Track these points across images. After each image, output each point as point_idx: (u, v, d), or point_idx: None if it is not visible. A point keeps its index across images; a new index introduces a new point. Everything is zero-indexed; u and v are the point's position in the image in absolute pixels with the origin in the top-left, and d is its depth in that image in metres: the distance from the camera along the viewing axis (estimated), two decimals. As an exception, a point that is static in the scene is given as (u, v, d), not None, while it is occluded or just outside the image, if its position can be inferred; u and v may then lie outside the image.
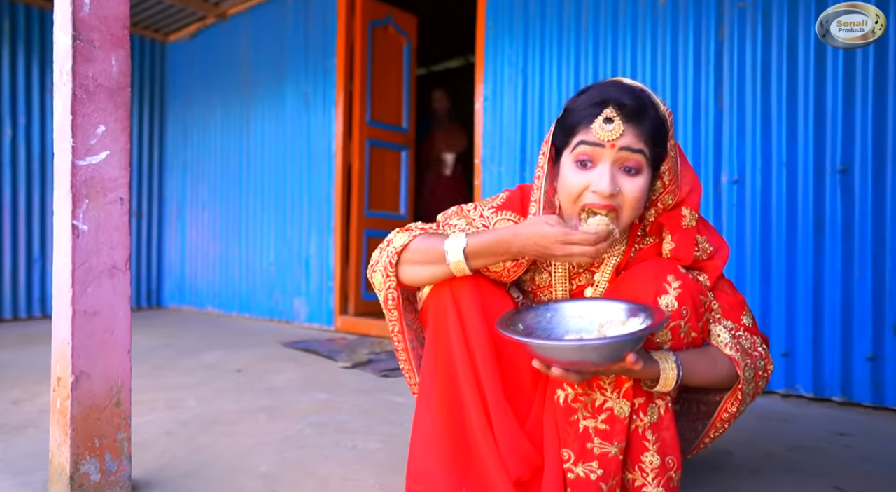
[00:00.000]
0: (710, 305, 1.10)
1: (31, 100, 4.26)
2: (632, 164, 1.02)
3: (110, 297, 1.23)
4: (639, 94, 1.03)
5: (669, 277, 1.03)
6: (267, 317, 4.18)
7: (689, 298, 1.03)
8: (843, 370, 2.05)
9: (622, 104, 0.99)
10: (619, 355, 0.90)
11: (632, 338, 0.88)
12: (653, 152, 1.04)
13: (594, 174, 1.02)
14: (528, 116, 2.89)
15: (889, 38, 2.00)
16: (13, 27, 4.15)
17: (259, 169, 4.26)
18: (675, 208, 1.11)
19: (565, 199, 1.07)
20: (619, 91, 1.02)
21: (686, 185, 1.10)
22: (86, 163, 1.20)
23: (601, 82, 1.08)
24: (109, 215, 1.23)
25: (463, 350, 1.09)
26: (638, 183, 1.03)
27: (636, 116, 1.00)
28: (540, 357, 0.95)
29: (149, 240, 4.99)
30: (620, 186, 1.02)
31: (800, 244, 2.15)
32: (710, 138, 2.35)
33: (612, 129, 1.00)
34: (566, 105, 1.09)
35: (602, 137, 1.00)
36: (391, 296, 1.16)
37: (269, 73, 4.17)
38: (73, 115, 1.19)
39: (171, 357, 2.89)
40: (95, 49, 1.23)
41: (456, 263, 1.06)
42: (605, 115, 1.00)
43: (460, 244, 1.05)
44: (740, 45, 2.30)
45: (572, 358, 0.92)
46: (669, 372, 0.98)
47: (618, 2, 2.62)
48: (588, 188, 1.02)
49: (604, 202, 1.01)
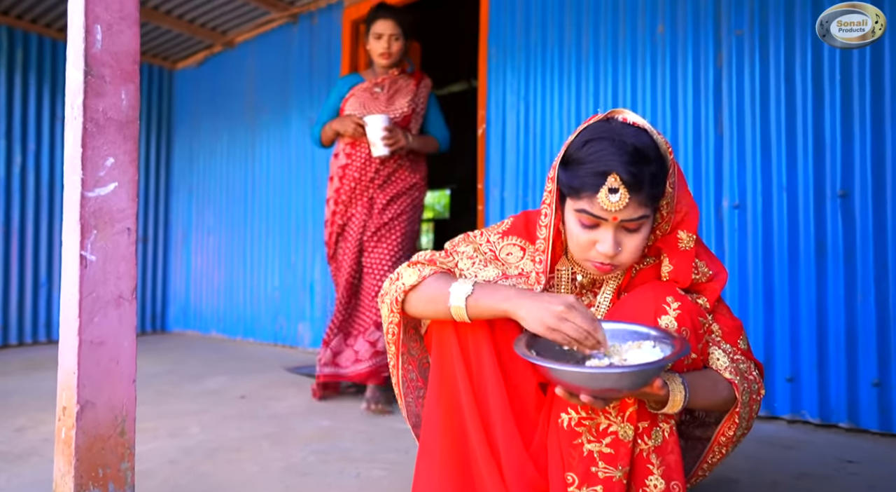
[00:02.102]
0: (709, 328, 1.11)
1: (42, 127, 4.32)
2: (633, 226, 1.05)
3: (116, 326, 1.24)
4: (641, 152, 1.01)
5: (668, 299, 1.05)
6: (271, 341, 4.18)
7: (688, 319, 1.04)
8: (849, 396, 2.04)
9: (625, 176, 1.00)
10: (648, 381, 0.91)
11: (661, 365, 0.90)
12: (654, 205, 1.06)
13: (599, 234, 1.06)
14: (530, 142, 2.92)
15: (885, 67, 2.03)
16: (25, 56, 4.24)
17: (264, 194, 4.30)
18: (671, 232, 1.13)
19: (574, 249, 1.12)
20: (622, 156, 1.00)
21: (682, 208, 1.12)
22: (94, 194, 1.23)
23: (602, 131, 1.05)
24: (117, 246, 1.25)
25: (465, 377, 1.10)
26: (639, 238, 1.07)
27: (638, 186, 1.01)
28: (567, 384, 0.94)
29: (154, 264, 5.02)
30: (623, 243, 1.06)
31: (802, 269, 2.15)
32: (711, 164, 2.37)
33: (616, 201, 1.01)
34: (567, 149, 1.08)
35: (606, 210, 1.02)
36: (392, 331, 1.19)
37: (275, 100, 4.24)
38: (83, 148, 1.22)
39: (174, 383, 2.89)
40: (106, 84, 1.26)
41: (456, 308, 1.07)
42: (610, 184, 1.01)
43: (465, 291, 1.06)
44: (738, 72, 2.33)
45: (604, 386, 0.91)
46: (678, 393, 0.98)
47: (617, 29, 2.66)
48: (594, 245, 1.07)
49: (608, 260, 1.07)
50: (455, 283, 1.08)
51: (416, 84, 2.66)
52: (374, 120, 2.44)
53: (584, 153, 1.04)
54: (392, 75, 2.64)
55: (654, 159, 1.03)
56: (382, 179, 2.58)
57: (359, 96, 2.61)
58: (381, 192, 2.59)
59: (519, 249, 1.23)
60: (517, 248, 1.23)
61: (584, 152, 1.04)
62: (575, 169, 1.05)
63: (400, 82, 2.64)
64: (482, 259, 1.22)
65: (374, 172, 2.56)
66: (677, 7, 2.49)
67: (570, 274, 1.19)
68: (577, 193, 1.04)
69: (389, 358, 1.25)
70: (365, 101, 2.59)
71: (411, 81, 2.66)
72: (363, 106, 2.58)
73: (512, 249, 1.23)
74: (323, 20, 3.94)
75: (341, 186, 2.60)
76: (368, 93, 2.62)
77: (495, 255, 1.23)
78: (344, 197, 2.59)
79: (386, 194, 2.59)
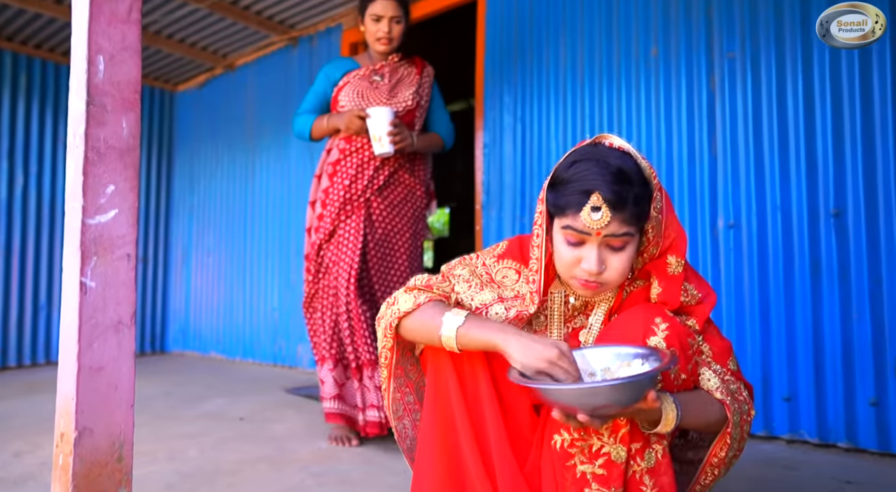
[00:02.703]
0: (698, 348, 1.13)
1: (44, 150, 4.37)
2: (618, 243, 1.07)
3: (115, 352, 1.25)
4: (624, 173, 1.05)
5: (657, 320, 1.07)
6: (270, 362, 4.17)
7: (676, 340, 1.06)
8: (847, 415, 2.04)
9: (607, 195, 1.03)
10: (642, 394, 0.92)
11: (652, 375, 0.91)
12: (638, 225, 1.08)
13: (583, 252, 1.08)
14: (527, 163, 2.95)
15: (874, 88, 2.06)
16: (29, 80, 4.30)
17: (263, 215, 4.32)
18: (660, 256, 1.15)
19: (559, 267, 1.14)
20: (605, 176, 1.04)
21: (671, 233, 1.14)
22: (95, 221, 1.25)
23: (588, 154, 1.09)
24: (117, 272, 1.27)
25: (461, 398, 1.11)
26: (623, 257, 1.09)
27: (620, 204, 1.03)
28: (562, 405, 0.96)
29: (154, 285, 5.03)
30: (607, 262, 1.08)
31: (797, 287, 2.16)
32: (706, 184, 2.40)
33: (599, 218, 1.03)
34: (555, 171, 1.12)
35: (589, 226, 1.04)
36: (385, 355, 1.21)
37: (275, 121, 4.28)
38: (84, 177, 1.24)
39: (173, 405, 2.89)
40: (107, 113, 1.28)
41: (446, 338, 1.09)
42: (593, 203, 1.03)
43: (456, 322, 1.08)
44: (731, 94, 2.37)
45: (599, 401, 0.92)
46: (670, 412, 0.99)
47: (612, 52, 2.71)
48: (579, 263, 1.09)
49: (592, 279, 1.08)
50: (448, 313, 1.10)
51: (418, 72, 2.39)
52: (379, 113, 2.17)
53: (570, 174, 1.08)
54: (392, 62, 2.36)
55: (637, 181, 1.06)
56: (382, 180, 2.29)
57: (355, 85, 2.32)
58: (378, 197, 2.30)
59: (514, 272, 1.25)
60: (512, 271, 1.25)
61: (570, 173, 1.08)
62: (561, 189, 1.08)
63: (402, 71, 2.37)
64: (478, 282, 1.23)
65: (374, 171, 2.27)
66: (670, 30, 2.53)
67: (562, 297, 1.21)
68: (563, 211, 1.07)
69: (381, 381, 1.26)
70: (363, 91, 2.30)
71: (413, 70, 2.39)
72: (361, 96, 2.30)
73: (507, 272, 1.25)
74: (322, 43, 3.99)
75: (331, 186, 2.28)
76: (367, 81, 2.33)
77: (491, 277, 1.25)
78: (335, 198, 2.26)
79: (385, 200, 2.30)
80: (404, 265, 2.35)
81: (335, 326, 2.24)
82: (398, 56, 2.38)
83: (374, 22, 2.27)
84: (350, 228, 2.27)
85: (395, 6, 2.26)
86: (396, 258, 2.34)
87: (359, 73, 2.34)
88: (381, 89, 2.32)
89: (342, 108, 2.32)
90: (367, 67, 2.35)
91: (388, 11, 2.25)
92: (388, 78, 2.34)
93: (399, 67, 2.37)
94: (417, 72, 2.39)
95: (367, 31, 2.32)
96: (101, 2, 1.30)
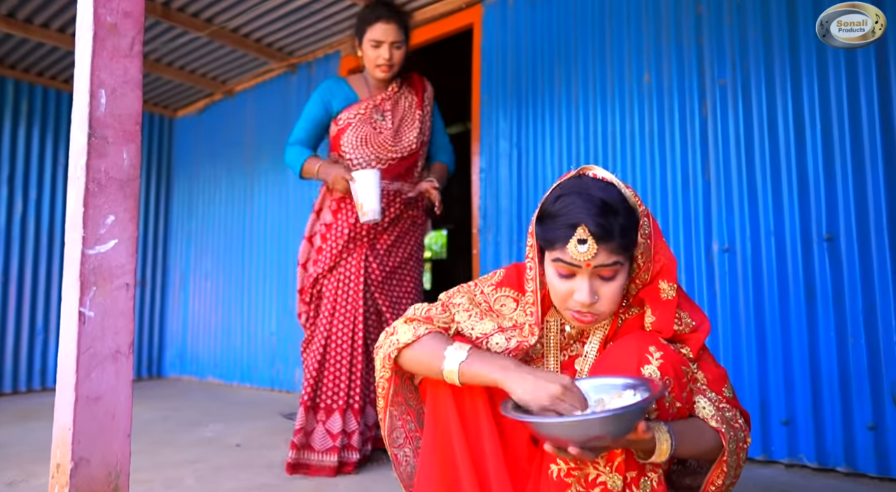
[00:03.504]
0: (693, 376, 1.13)
1: (44, 176, 4.40)
2: (608, 273, 1.09)
3: (113, 381, 1.25)
4: (609, 205, 1.06)
5: (651, 348, 1.08)
6: (268, 387, 4.15)
7: (670, 368, 1.06)
8: (846, 440, 2.03)
9: (592, 228, 1.05)
10: (632, 426, 0.92)
11: (641, 406, 0.91)
12: (626, 254, 1.10)
13: (575, 283, 1.10)
14: (522, 188, 2.98)
15: (862, 113, 2.10)
16: (30, 107, 4.34)
17: (261, 239, 4.34)
18: (652, 282, 1.16)
19: (554, 299, 1.15)
20: (589, 209, 1.05)
21: (660, 258, 1.15)
22: (94, 252, 1.26)
23: (571, 187, 1.11)
24: (115, 301, 1.28)
25: (460, 427, 1.12)
26: (615, 286, 1.10)
27: (606, 236, 1.05)
28: (553, 438, 0.96)
29: (151, 309, 5.02)
30: (599, 292, 1.09)
31: (793, 312, 2.17)
32: (700, 208, 2.42)
33: (585, 250, 1.05)
34: (542, 205, 1.14)
35: (577, 259, 1.06)
36: (382, 385, 1.22)
37: (273, 147, 4.32)
38: (84, 208, 1.25)
39: (169, 430, 2.87)
40: (108, 145, 1.30)
41: (448, 372, 1.10)
42: (579, 235, 1.05)
43: (459, 357, 1.09)
44: (723, 120, 2.40)
45: (589, 433, 0.93)
46: (664, 442, 0.99)
47: (605, 78, 2.75)
48: (572, 294, 1.10)
49: (585, 309, 1.10)
50: (450, 347, 1.11)
51: (419, 100, 2.28)
52: (365, 177, 2.02)
53: (556, 208, 1.10)
54: (392, 93, 2.25)
55: (623, 211, 1.08)
56: (386, 222, 2.24)
57: (358, 129, 2.19)
58: (384, 232, 2.26)
59: (512, 300, 1.26)
60: (510, 299, 1.26)
61: (556, 207, 1.10)
62: (549, 223, 1.10)
63: (403, 103, 2.26)
64: (478, 312, 1.24)
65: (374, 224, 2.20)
66: (662, 57, 2.58)
67: (558, 325, 1.22)
68: (552, 245, 1.09)
69: (378, 411, 1.26)
70: (367, 138, 2.18)
71: (414, 98, 2.28)
72: (365, 143, 2.18)
73: (505, 300, 1.27)
74: (320, 69, 4.05)
75: (335, 222, 2.21)
76: (369, 125, 2.20)
77: (490, 306, 1.26)
78: (338, 235, 2.21)
79: (391, 236, 2.26)
80: (412, 294, 2.32)
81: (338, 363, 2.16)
82: (398, 84, 2.27)
83: (373, 47, 2.14)
84: (351, 265, 2.20)
85: (395, 30, 2.14)
86: (404, 287, 2.30)
87: (360, 111, 2.22)
88: (385, 133, 2.22)
89: (344, 153, 2.23)
90: (368, 103, 2.24)
91: (388, 36, 2.12)
92: (390, 117, 2.23)
93: (400, 98, 2.27)
94: (418, 99, 2.29)
95: (365, 56, 2.19)
96: (105, 37, 1.34)
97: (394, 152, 2.20)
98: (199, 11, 3.54)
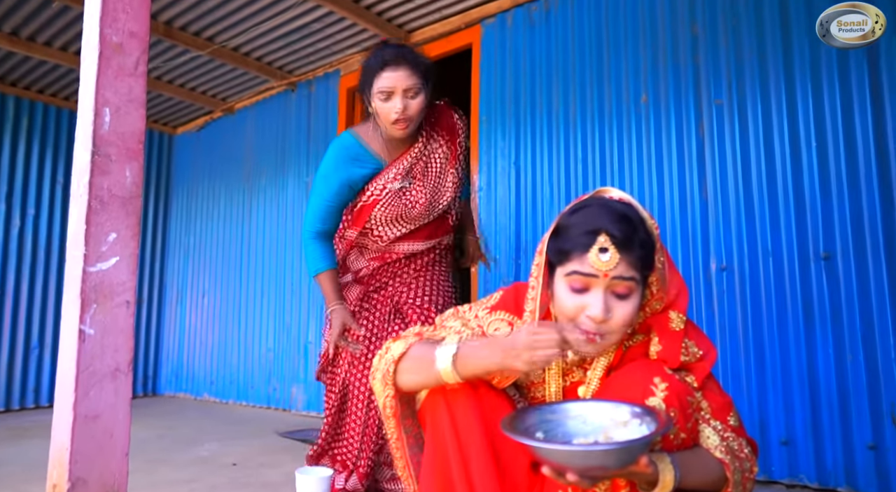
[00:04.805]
0: (698, 405, 1.11)
1: (42, 192, 4.39)
2: (623, 290, 1.06)
3: (112, 400, 1.25)
4: (629, 218, 1.06)
5: (656, 379, 1.06)
6: (264, 405, 4.12)
7: (676, 400, 1.05)
8: (846, 459, 2.02)
9: (615, 233, 1.03)
10: (634, 459, 0.91)
11: (645, 441, 0.90)
12: (643, 273, 1.08)
13: (588, 298, 1.06)
14: (521, 207, 2.99)
15: (856, 132, 2.12)
16: (31, 123, 4.36)
17: (260, 256, 4.34)
18: (663, 312, 1.15)
19: (561, 317, 1.11)
20: (611, 217, 1.05)
21: (673, 289, 1.14)
22: (96, 269, 1.26)
23: (591, 201, 1.11)
24: (115, 319, 1.27)
25: (458, 456, 1.09)
26: (629, 307, 1.07)
27: (628, 245, 1.04)
28: (553, 463, 0.95)
29: (147, 326, 4.99)
30: (612, 309, 1.06)
31: (791, 330, 2.18)
32: (698, 227, 2.43)
33: (607, 259, 1.03)
34: (558, 221, 1.12)
35: (597, 268, 1.04)
36: (388, 404, 1.18)
37: (272, 164, 4.34)
38: (86, 225, 1.26)
39: (165, 449, 2.84)
40: (111, 162, 1.31)
41: (444, 370, 1.08)
42: (600, 244, 1.03)
43: (450, 351, 1.09)
44: (720, 139, 2.43)
45: (590, 463, 0.92)
46: (668, 474, 0.98)
47: (603, 98, 2.78)
48: (583, 311, 1.06)
49: (595, 327, 1.06)
50: (439, 348, 1.10)
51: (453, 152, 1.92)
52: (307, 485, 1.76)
53: (573, 219, 1.09)
54: (419, 152, 1.87)
55: (641, 228, 1.08)
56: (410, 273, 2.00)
57: (388, 205, 1.85)
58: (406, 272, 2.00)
59: (507, 324, 1.23)
60: (504, 323, 1.23)
61: (574, 218, 1.08)
62: (565, 234, 1.08)
63: (434, 162, 1.89)
64: (468, 334, 1.21)
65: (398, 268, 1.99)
66: (659, 78, 2.61)
67: None
68: (568, 255, 1.07)
69: (389, 434, 1.22)
70: (400, 215, 1.86)
71: (446, 150, 1.91)
72: (398, 220, 1.88)
73: (499, 324, 1.23)
74: (320, 88, 4.08)
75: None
76: (398, 198, 1.86)
77: (483, 331, 1.23)
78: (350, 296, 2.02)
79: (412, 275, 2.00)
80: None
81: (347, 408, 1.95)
82: (424, 136, 1.87)
83: (383, 101, 1.74)
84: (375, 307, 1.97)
85: (407, 75, 1.73)
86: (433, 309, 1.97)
87: (387, 183, 1.86)
88: (419, 209, 1.87)
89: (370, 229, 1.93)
90: (393, 171, 1.86)
91: (399, 83, 1.71)
92: (421, 186, 1.87)
93: (430, 156, 1.89)
94: (452, 152, 1.90)
95: (376, 112, 1.78)
96: (110, 56, 1.35)
97: (428, 218, 1.92)
98: (200, 30, 3.58)
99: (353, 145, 1.89)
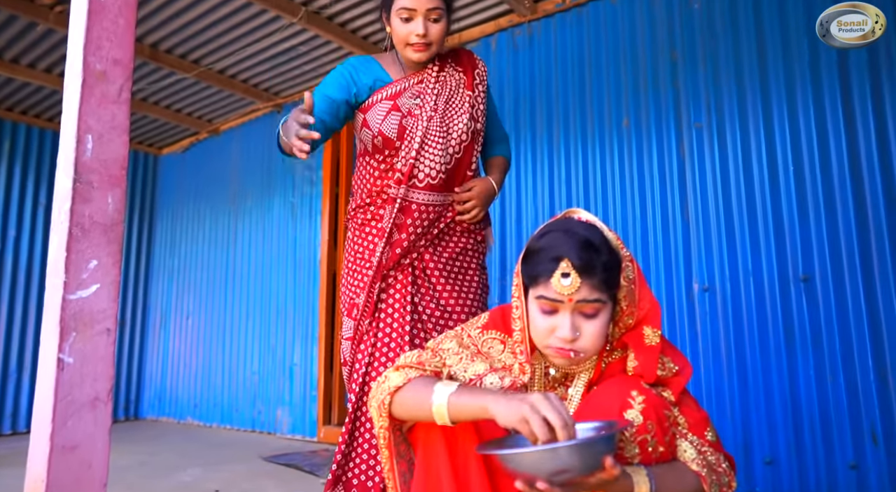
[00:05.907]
0: (675, 420, 1.14)
1: (24, 215, 4.35)
2: (590, 310, 1.10)
3: (91, 429, 1.22)
4: (591, 242, 1.09)
5: (633, 393, 1.09)
6: (249, 428, 4.07)
7: (653, 412, 1.07)
8: (829, 479, 2.04)
9: (574, 261, 1.07)
10: (598, 461, 0.92)
11: (603, 438, 0.92)
12: (609, 292, 1.12)
13: (557, 320, 1.10)
14: (505, 228, 3.01)
15: (831, 156, 2.17)
16: (13, 146, 4.33)
17: (245, 278, 4.31)
18: (636, 327, 1.17)
19: (535, 337, 1.15)
20: (572, 243, 1.09)
21: (644, 304, 1.17)
22: (76, 297, 1.25)
23: (556, 226, 1.15)
24: (96, 347, 1.26)
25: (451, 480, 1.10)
26: (597, 325, 1.11)
27: (589, 270, 1.07)
28: (522, 474, 0.95)
29: (130, 349, 4.93)
30: (581, 329, 1.10)
31: (772, 350, 2.20)
32: (680, 248, 2.47)
33: (568, 284, 1.07)
34: (528, 244, 1.17)
35: (560, 293, 1.08)
36: (383, 435, 1.19)
37: (258, 185, 4.33)
38: (67, 252, 1.24)
39: (146, 476, 2.79)
40: (93, 189, 1.30)
41: (438, 408, 1.08)
42: (562, 269, 1.07)
43: (447, 392, 1.09)
44: (700, 162, 2.47)
45: (556, 465, 0.92)
46: (643, 485, 0.99)
47: (585, 122, 2.82)
48: (554, 332, 1.10)
49: (567, 346, 1.10)
50: (439, 384, 1.11)
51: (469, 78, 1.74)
52: None
53: (540, 244, 1.13)
54: (431, 75, 1.71)
55: (605, 250, 1.11)
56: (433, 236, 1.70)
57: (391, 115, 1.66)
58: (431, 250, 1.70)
59: (499, 342, 1.27)
60: (497, 341, 1.27)
61: (541, 243, 1.13)
62: (533, 259, 1.13)
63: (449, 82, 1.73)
64: (468, 354, 1.24)
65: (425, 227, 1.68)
66: (640, 102, 2.66)
67: (542, 368, 1.22)
68: (536, 280, 1.11)
69: (383, 462, 1.23)
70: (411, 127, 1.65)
71: (462, 75, 1.75)
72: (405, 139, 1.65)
73: (493, 342, 1.27)
74: (306, 110, 4.10)
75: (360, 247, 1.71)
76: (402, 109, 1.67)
77: (478, 349, 1.26)
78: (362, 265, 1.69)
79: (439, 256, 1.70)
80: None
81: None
82: (439, 64, 1.73)
83: (403, 21, 1.63)
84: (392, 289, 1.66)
85: None
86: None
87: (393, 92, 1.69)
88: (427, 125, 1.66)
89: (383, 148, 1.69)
90: (402, 83, 1.70)
91: (422, 3, 1.60)
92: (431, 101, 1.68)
93: (443, 78, 1.72)
94: (468, 78, 1.75)
95: (394, 33, 1.67)
96: (93, 84, 1.35)
97: (443, 151, 1.68)
98: (186, 53, 3.59)
99: (367, 58, 1.78)
